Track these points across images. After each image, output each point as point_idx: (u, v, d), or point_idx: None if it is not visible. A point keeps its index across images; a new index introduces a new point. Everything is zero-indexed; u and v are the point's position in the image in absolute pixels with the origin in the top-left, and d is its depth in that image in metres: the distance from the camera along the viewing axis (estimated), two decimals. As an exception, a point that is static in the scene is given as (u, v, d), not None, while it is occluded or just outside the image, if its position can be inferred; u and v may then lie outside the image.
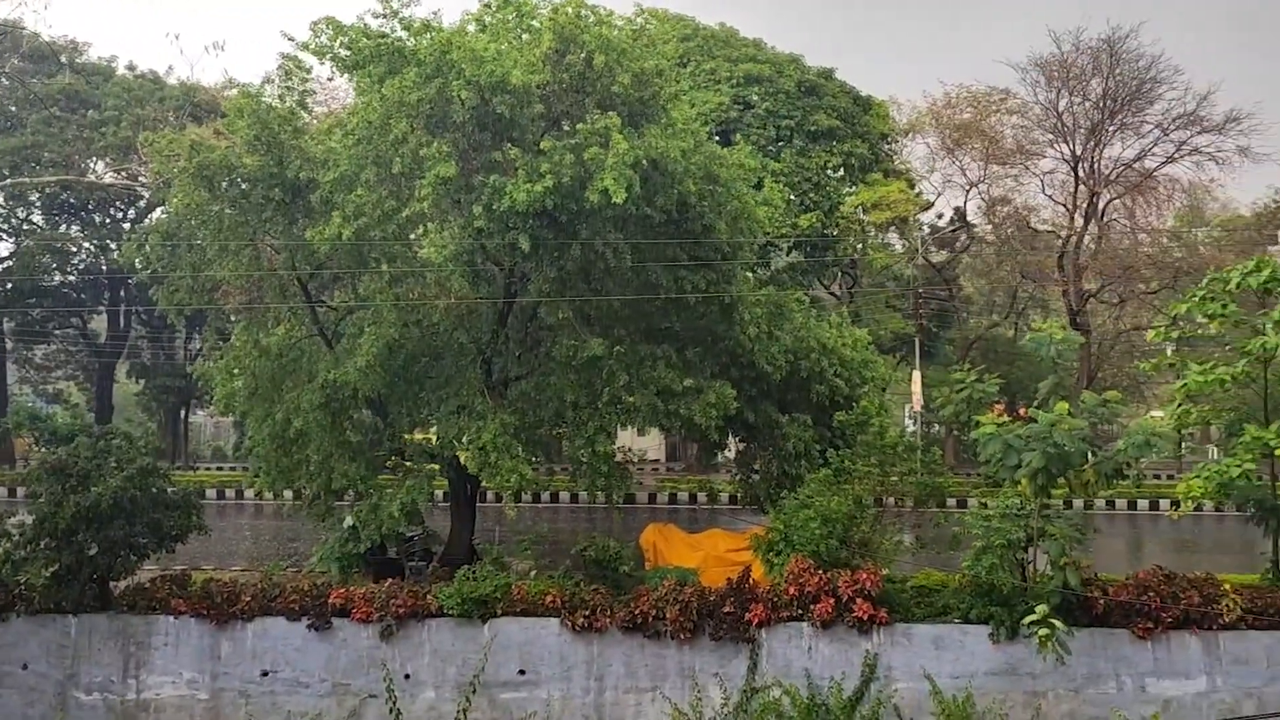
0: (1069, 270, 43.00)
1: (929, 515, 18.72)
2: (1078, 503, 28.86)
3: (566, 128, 16.34)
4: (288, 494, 24.12)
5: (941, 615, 16.15)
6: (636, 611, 16.28)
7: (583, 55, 15.96)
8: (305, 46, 17.02)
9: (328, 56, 16.84)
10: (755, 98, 39.63)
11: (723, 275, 18.54)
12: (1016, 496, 15.98)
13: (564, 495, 35.51)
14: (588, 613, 16.37)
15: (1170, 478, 38.82)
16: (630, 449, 23.09)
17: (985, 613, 15.78)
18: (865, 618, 15.75)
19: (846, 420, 19.59)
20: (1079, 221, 43.72)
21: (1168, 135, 42.54)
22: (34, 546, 16.83)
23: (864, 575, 15.98)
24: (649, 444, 46.81)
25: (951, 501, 29.54)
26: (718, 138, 35.43)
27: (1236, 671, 15.46)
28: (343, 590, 17.16)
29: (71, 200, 43.72)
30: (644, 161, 15.49)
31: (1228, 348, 19.03)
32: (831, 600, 15.84)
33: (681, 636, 16.14)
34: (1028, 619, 14.48)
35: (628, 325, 18.99)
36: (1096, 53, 41.83)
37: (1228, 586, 16.02)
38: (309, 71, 18.71)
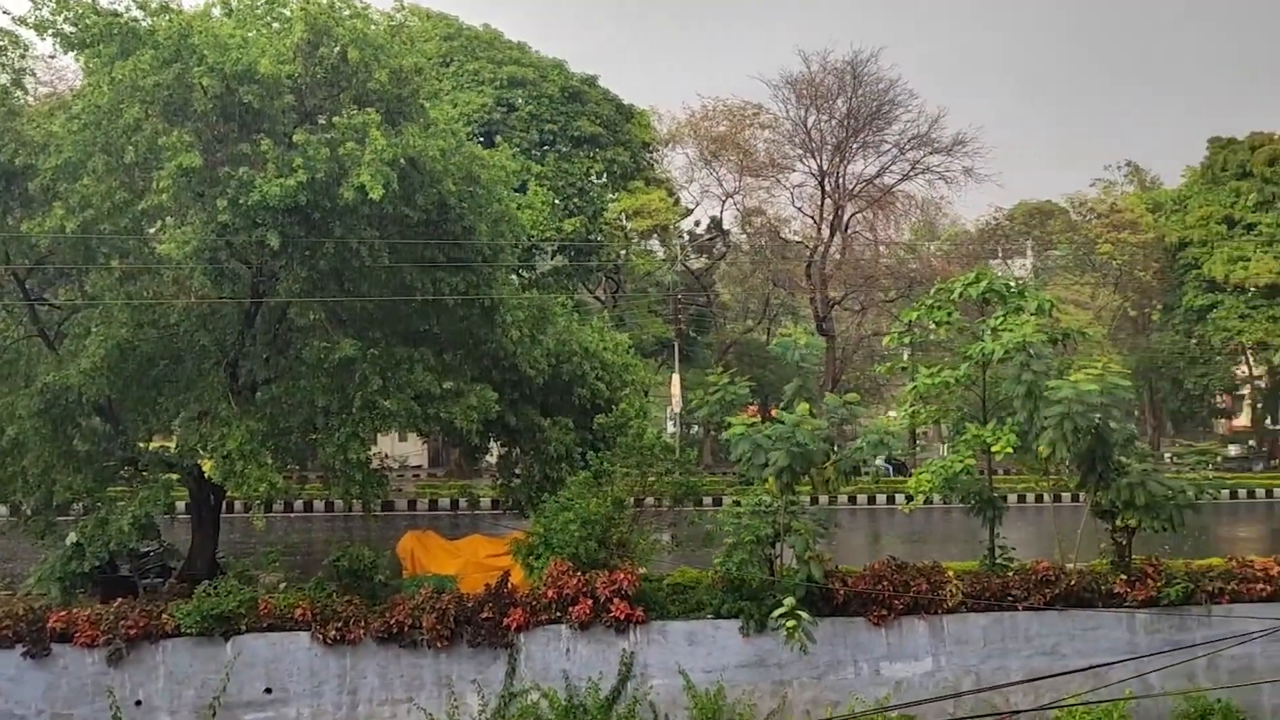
0: (816, 279, 45.52)
1: (686, 514, 19.23)
2: (822, 498, 30.69)
3: (321, 122, 15.72)
4: (1, 509, 21.98)
5: (696, 611, 16.63)
6: (392, 621, 15.85)
7: (337, 49, 15.40)
8: (23, 21, 15.54)
9: (49, 32, 15.43)
10: (519, 101, 39.67)
11: (483, 278, 18.33)
12: (765, 494, 16.68)
13: (318, 504, 34.16)
14: (340, 625, 15.79)
15: (911, 473, 41.73)
16: (389, 455, 22.54)
17: (736, 607, 16.38)
18: (622, 617, 16.00)
19: (606, 423, 19.86)
20: (825, 233, 46.42)
21: (904, 154, 46.04)
22: None
23: (621, 575, 16.23)
24: (411, 449, 45.87)
25: (709, 500, 30.55)
26: (480, 139, 35.09)
27: (958, 651, 16.77)
28: (64, 613, 15.76)
29: None
30: (402, 160, 15.14)
31: (952, 352, 20.67)
32: (590, 601, 16.01)
33: (439, 645, 15.86)
34: (776, 612, 15.21)
35: (384, 327, 18.46)
36: (841, 74, 44.64)
37: (951, 573, 17.36)
38: (27, 47, 17.11)
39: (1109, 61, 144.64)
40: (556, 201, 39.15)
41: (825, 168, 45.82)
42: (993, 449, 17.77)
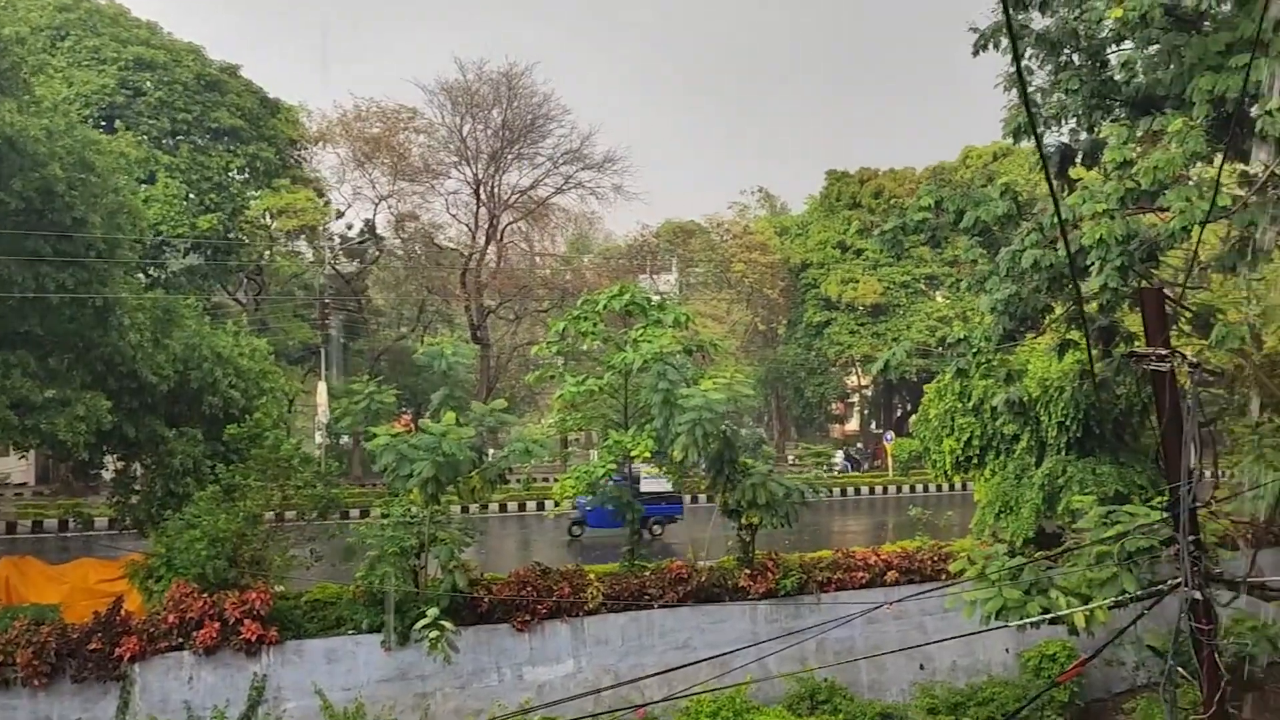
0: (471, 287, 45.54)
1: (329, 527, 18.47)
2: (473, 507, 30.67)
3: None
4: None
5: (336, 628, 16.05)
6: (-22, 660, 13.97)
7: (-87, 6, 13.43)
8: None
9: None
10: (148, 85, 36.55)
11: (97, 275, 16.69)
12: (411, 504, 16.39)
13: (-109, 531, 29.49)
14: (-91, 670, 13.70)
15: (556, 480, 42.68)
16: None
17: (378, 621, 15.97)
18: (254, 639, 15.11)
19: (239, 433, 18.66)
20: (481, 241, 46.55)
21: (557, 168, 47.16)
22: None
23: (254, 595, 15.33)
24: (14, 465, 40.78)
25: (355, 513, 29.64)
26: (101, 125, 32.03)
27: (598, 651, 17.35)
28: None
29: None
30: (-5, 139, 13.46)
31: (598, 362, 21.41)
32: (217, 624, 14.98)
33: (36, 683, 14.18)
34: (419, 624, 14.96)
35: (-28, 328, 16.31)
36: (497, 84, 44.98)
37: (593, 576, 17.94)
38: None
39: (750, 91, 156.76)
40: (191, 196, 36.50)
41: (480, 176, 45.97)
42: (633, 453, 18.58)
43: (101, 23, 36.84)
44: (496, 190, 46.69)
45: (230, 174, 38.77)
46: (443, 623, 14.83)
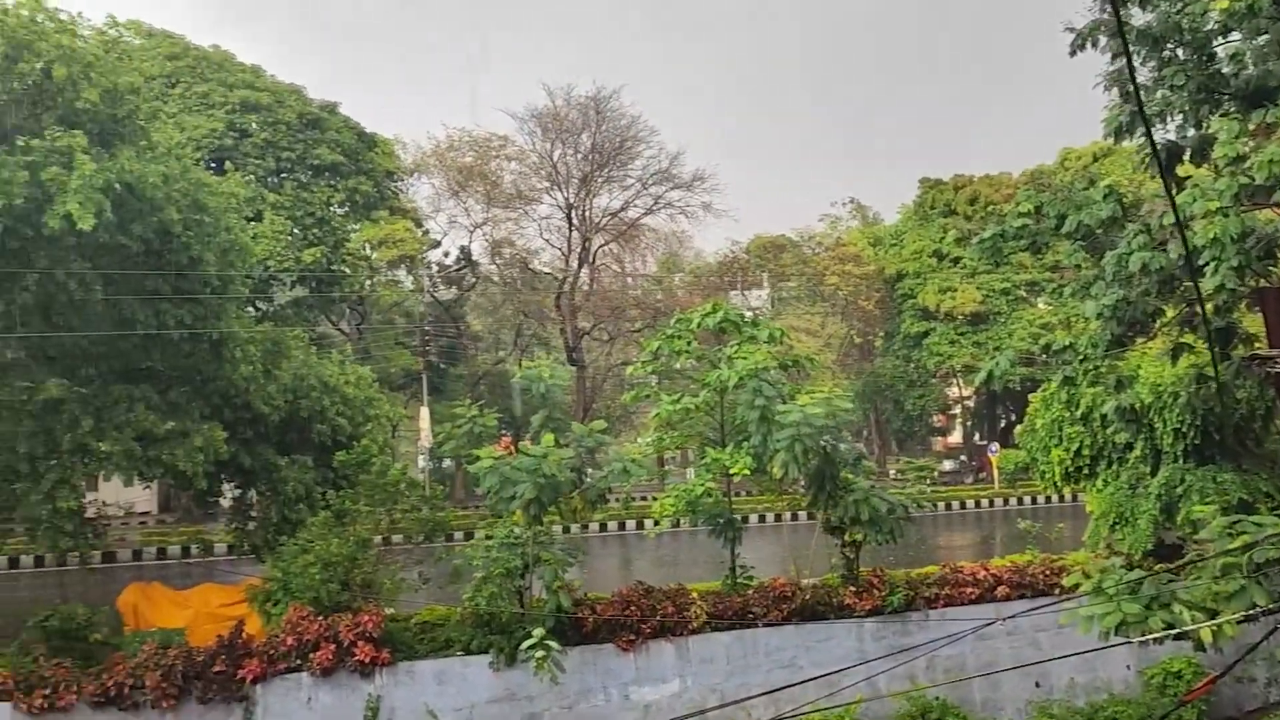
0: (565, 309, 46.08)
1: (435, 550, 18.83)
2: (574, 527, 30.94)
3: (20, 142, 14.43)
4: None
5: (445, 649, 16.29)
6: (110, 683, 14.55)
7: (40, 64, 14.22)
8: None
9: None
10: (254, 126, 38.00)
11: (212, 310, 17.40)
12: (514, 526, 16.61)
13: (26, 559, 30.99)
14: (48, 691, 14.31)
15: (654, 499, 42.77)
16: (109, 503, 20.80)
17: (486, 642, 16.18)
18: (367, 660, 15.44)
19: (348, 459, 19.18)
20: (574, 264, 47.08)
21: (647, 189, 47.49)
22: None
23: (366, 617, 15.68)
24: (138, 495, 42.46)
25: (460, 535, 30.12)
26: (211, 166, 33.36)
27: (703, 670, 17.28)
28: None
29: None
30: (116, 185, 14.16)
31: (693, 380, 21.42)
32: (332, 646, 15.35)
33: (165, 704, 14.69)
34: (525, 644, 15.12)
35: (99, 364, 17.12)
36: (585, 109, 45.55)
37: (696, 595, 17.89)
38: None
39: (837, 103, 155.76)
40: (295, 231, 37.74)
41: (572, 200, 46.58)
42: (731, 471, 18.52)
43: (209, 69, 38.50)
44: (588, 213, 47.22)
45: (331, 208, 40.05)
46: (548, 643, 14.94)
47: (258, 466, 19.39)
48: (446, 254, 50.10)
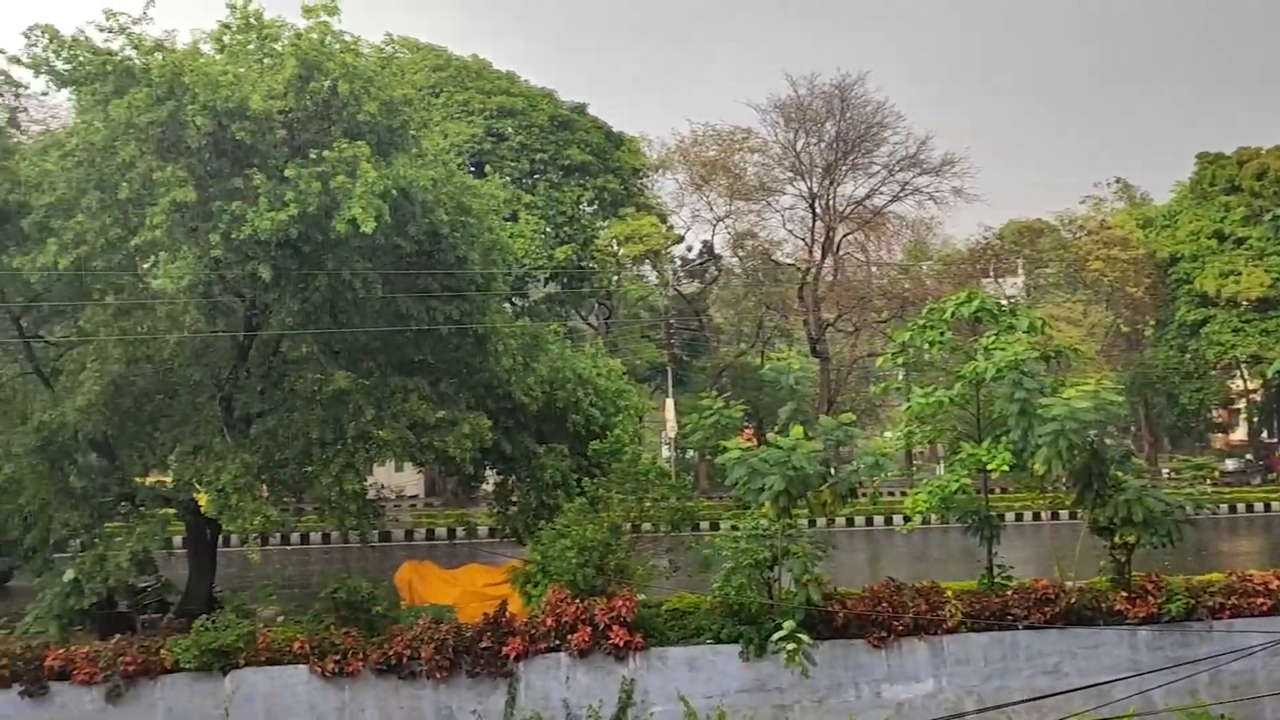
0: (809, 301, 45.69)
1: (682, 539, 19.18)
2: (820, 521, 30.63)
3: (312, 155, 15.79)
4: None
5: (695, 637, 16.56)
6: (390, 653, 15.77)
7: (328, 82, 15.50)
8: (16, 60, 15.65)
9: (44, 70, 15.53)
10: (509, 130, 39.93)
11: (476, 306, 18.43)
12: (762, 518, 16.67)
13: (315, 536, 34.04)
14: (338, 657, 15.71)
15: (902, 494, 41.74)
16: (385, 485, 22.50)
17: (735, 632, 16.33)
18: (622, 644, 15.93)
19: (601, 449, 19.86)
20: (817, 255, 46.61)
21: (893, 176, 46.32)
22: None
23: (620, 602, 16.18)
24: (406, 479, 45.77)
25: (705, 525, 30.47)
26: (471, 169, 35.33)
27: (959, 672, 16.71)
28: (62, 651, 15.66)
29: None
30: (393, 191, 15.21)
31: (946, 372, 20.72)
32: (589, 629, 15.95)
33: (438, 675, 15.77)
34: (776, 635, 15.16)
35: (378, 357, 18.51)
36: (829, 97, 44.94)
37: (950, 593, 17.33)
38: (22, 87, 17.24)
39: (1096, 77, 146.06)
40: (548, 230, 39.37)
41: (815, 190, 46.11)
42: (989, 467, 17.77)
43: (468, 77, 40.81)
44: (832, 203, 46.60)
45: (581, 206, 41.56)
46: (799, 635, 14.93)
47: (518, 454, 20.39)
48: (690, 248, 50.90)
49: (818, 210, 46.50)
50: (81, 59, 15.27)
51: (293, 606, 18.52)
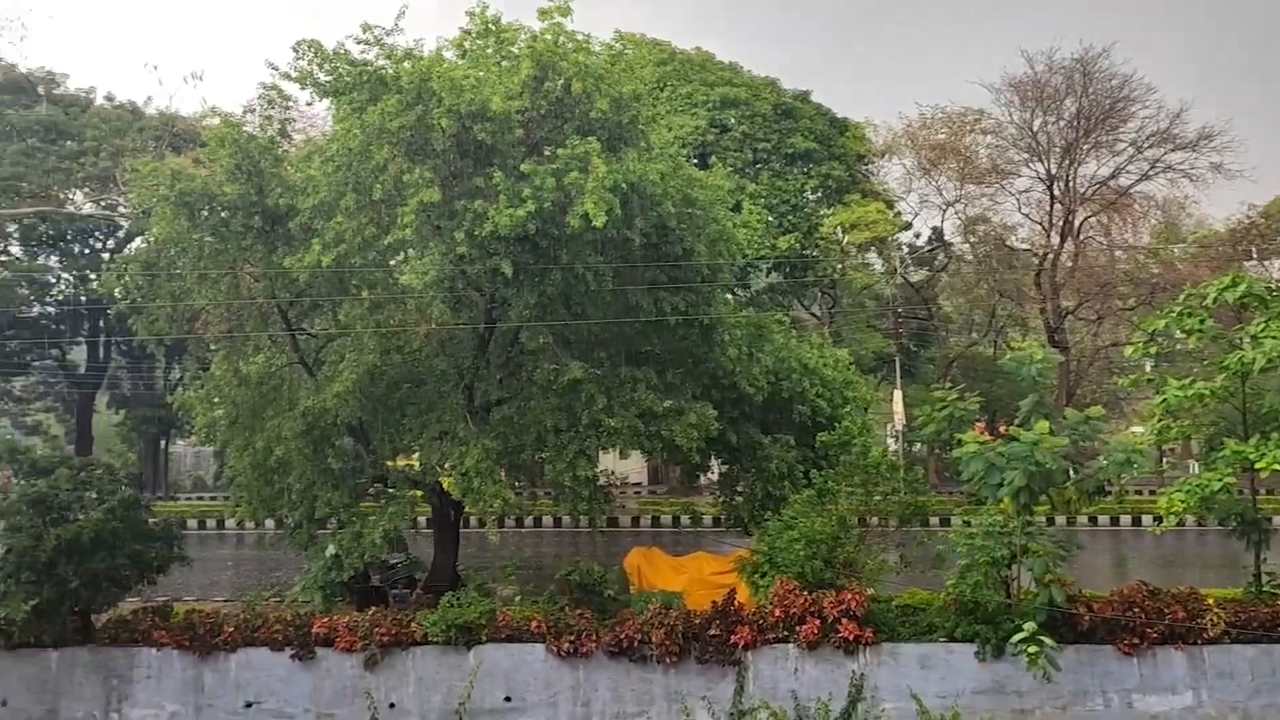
0: (1046, 288, 43.36)
1: (913, 534, 18.69)
2: (1060, 519, 29.09)
3: (547, 153, 16.39)
4: (268, 523, 23.99)
5: (927, 634, 16.13)
6: (622, 635, 16.21)
7: (561, 81, 16.03)
8: (286, 75, 17.03)
9: (309, 82, 16.83)
10: (732, 121, 40.00)
11: (702, 297, 18.61)
12: (999, 514, 16.01)
13: (547, 520, 35.41)
14: (573, 637, 16.29)
15: (1151, 493, 39.03)
16: (612, 472, 23.08)
17: (971, 631, 15.78)
18: (851, 638, 15.72)
19: (829, 440, 19.61)
20: (1055, 239, 44.15)
21: (1142, 153, 43.10)
22: (14, 580, 16.60)
23: (849, 595, 15.96)
24: (630, 467, 46.74)
25: (935, 520, 29.55)
26: (695, 161, 35.61)
27: (1221, 686, 15.49)
28: (326, 619, 17.02)
29: (49, 231, 43.46)
30: (623, 185, 15.54)
31: (1205, 363, 19.16)
32: (817, 621, 15.82)
33: (668, 660, 16.07)
34: (1015, 637, 14.51)
35: (608, 348, 19.02)
36: (1070, 72, 42.38)
37: (1211, 601, 16.07)
38: (290, 99, 18.76)
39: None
40: (770, 219, 39.15)
41: (1054, 171, 43.58)
42: (1256, 466, 16.31)
43: (691, 70, 41.16)
44: (1071, 184, 43.93)
45: (805, 194, 41.09)
46: (1041, 638, 14.24)
47: (743, 444, 20.46)
48: (918, 235, 49.36)
49: (1056, 192, 43.98)
50: (341, 70, 16.46)
51: (528, 587, 19.34)
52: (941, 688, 15.67)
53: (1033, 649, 13.94)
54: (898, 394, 41.88)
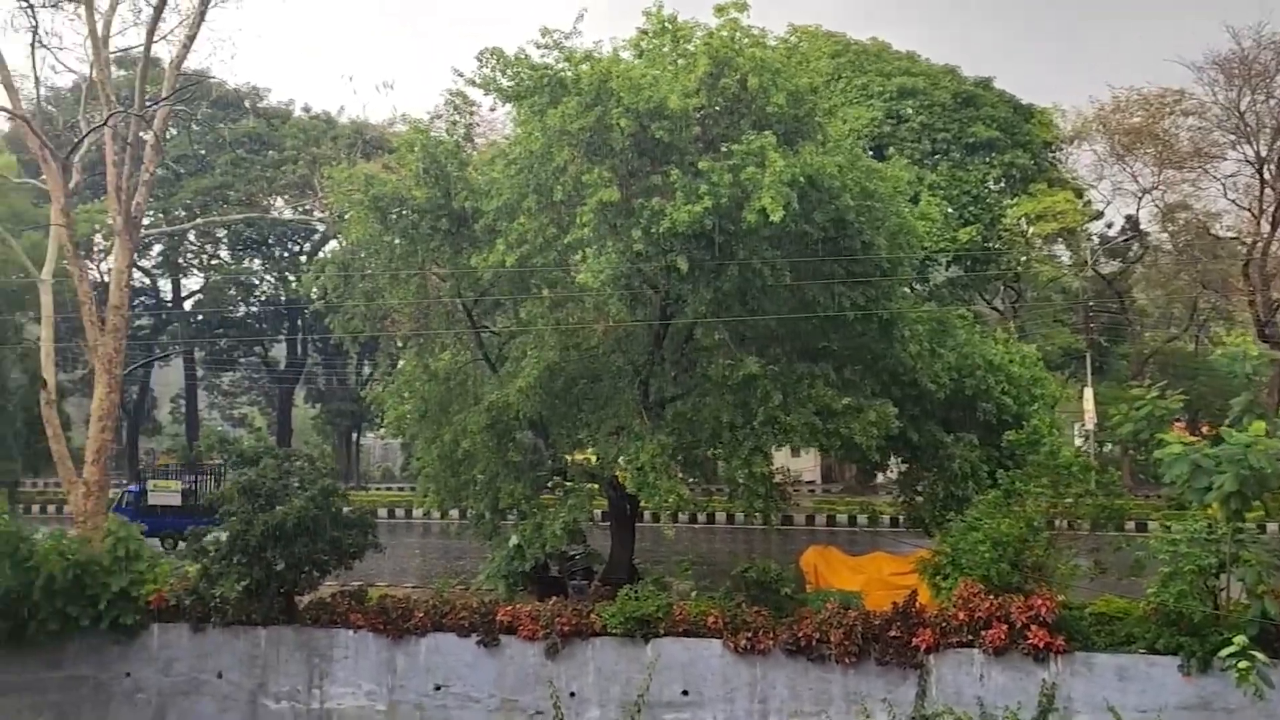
0: (1256, 279, 40.40)
1: (1106, 539, 17.75)
2: (1273, 526, 27.10)
3: (723, 149, 16.38)
4: (454, 513, 24.93)
5: (1125, 645, 15.29)
6: (799, 634, 16.04)
7: (737, 77, 16.00)
8: (471, 82, 17.63)
9: (492, 88, 17.38)
10: (909, 111, 38.97)
11: (881, 291, 18.22)
12: (1205, 520, 15.02)
13: (720, 516, 35.40)
14: (750, 634, 16.23)
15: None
16: (786, 469, 22.84)
17: (1174, 643, 14.86)
18: (1041, 645, 15.06)
19: (1017, 440, 18.82)
20: (1266, 227, 41.06)
21: (1363, 131, 39.60)
22: (228, 562, 17.84)
23: (1039, 601, 15.30)
24: (803, 465, 46.27)
25: (1130, 524, 28.02)
26: (871, 153, 34.87)
27: None
28: (509, 608, 17.55)
29: (254, 236, 46.54)
30: (800, 179, 15.38)
31: None
32: (1004, 626, 15.23)
33: (846, 661, 15.81)
34: (1224, 651, 13.56)
35: (784, 344, 18.86)
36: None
37: None
38: (474, 105, 19.43)
39: None
40: (950, 210, 37.92)
41: (1264, 154, 40.51)
42: None
43: (867, 61, 40.32)
44: (1286, 166, 40.77)
45: (986, 185, 39.59)
46: (1253, 653, 13.26)
47: (924, 442, 19.91)
48: (1110, 225, 46.83)
49: (1266, 176, 40.86)
50: (522, 75, 16.91)
51: (704, 583, 19.40)
52: (1141, 701, 14.83)
53: (1243, 664, 12.96)
54: (1088, 391, 39.89)
